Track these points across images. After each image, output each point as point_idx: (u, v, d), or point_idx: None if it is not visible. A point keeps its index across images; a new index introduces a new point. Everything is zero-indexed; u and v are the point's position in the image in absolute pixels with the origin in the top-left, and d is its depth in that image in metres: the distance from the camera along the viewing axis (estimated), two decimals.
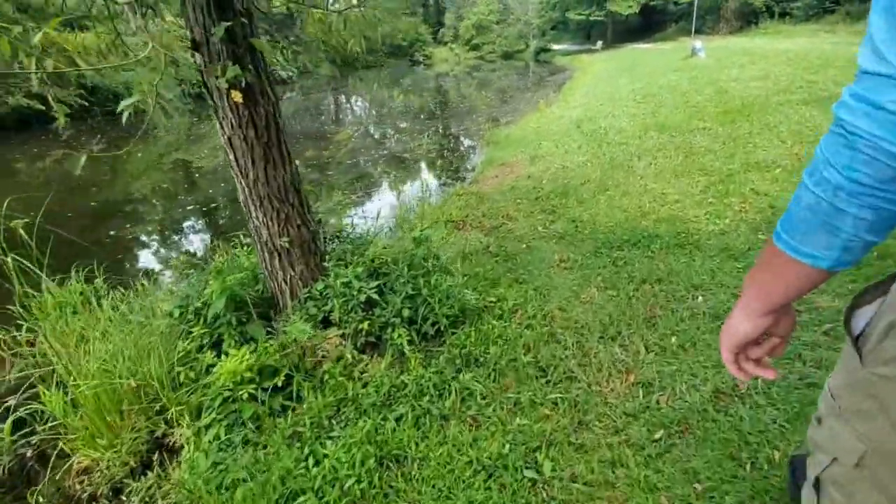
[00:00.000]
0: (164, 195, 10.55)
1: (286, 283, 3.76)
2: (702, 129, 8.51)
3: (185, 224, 8.68)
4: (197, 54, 3.17)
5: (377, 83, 33.69)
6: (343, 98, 29.75)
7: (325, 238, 4.05)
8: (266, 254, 3.70)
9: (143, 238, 8.03)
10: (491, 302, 3.92)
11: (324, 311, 3.65)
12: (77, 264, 5.16)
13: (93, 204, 9.78)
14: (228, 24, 3.01)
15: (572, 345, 3.30)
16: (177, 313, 3.60)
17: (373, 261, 3.88)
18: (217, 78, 3.12)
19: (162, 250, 7.69)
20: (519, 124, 13.33)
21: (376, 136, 17.12)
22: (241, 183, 3.48)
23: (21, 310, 4.60)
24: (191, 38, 3.14)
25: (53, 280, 4.93)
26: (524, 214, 6.01)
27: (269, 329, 3.66)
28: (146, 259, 7.33)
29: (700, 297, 3.62)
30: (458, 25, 46.17)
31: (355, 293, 3.56)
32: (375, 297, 3.53)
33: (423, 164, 11.18)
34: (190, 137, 18.15)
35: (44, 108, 18.35)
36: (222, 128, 3.34)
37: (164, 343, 3.40)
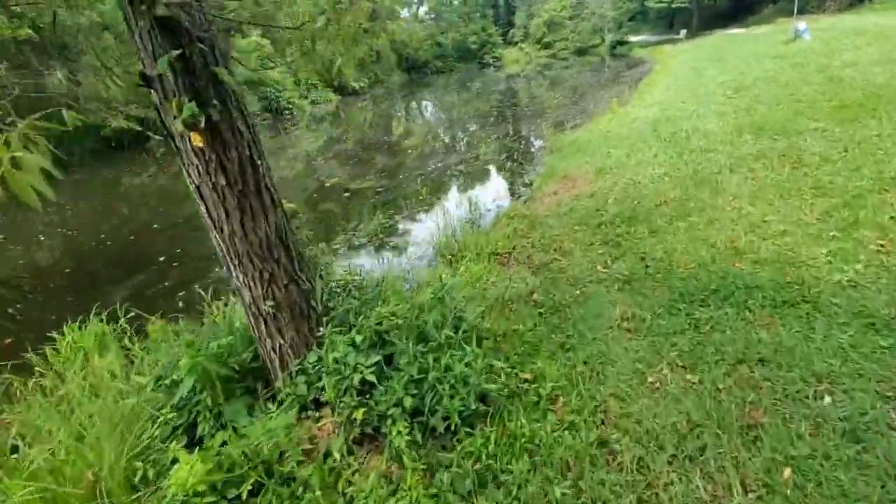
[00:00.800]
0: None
1: (275, 351, 3.10)
2: (812, 129, 6.88)
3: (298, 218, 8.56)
4: (152, 90, 2.59)
5: (446, 88, 33.22)
6: (413, 104, 29.60)
7: (326, 293, 3.35)
8: (251, 318, 3.07)
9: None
10: (525, 381, 3.00)
11: (316, 390, 2.96)
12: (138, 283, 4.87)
13: (179, 220, 9.96)
14: (177, 52, 2.40)
15: (631, 466, 2.32)
16: (150, 387, 3.07)
17: (379, 324, 3.12)
18: (174, 118, 2.51)
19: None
20: (587, 128, 12.03)
21: (445, 141, 16.57)
22: (215, 237, 2.86)
23: (36, 357, 4.40)
24: (140, 70, 2.57)
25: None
26: (582, 246, 4.97)
27: (260, 405, 3.05)
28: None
29: (827, 398, 2.47)
30: (529, 24, 44.51)
31: (350, 371, 2.82)
32: (373, 378, 2.77)
33: (481, 176, 10.32)
34: (269, 151, 18.68)
35: (141, 129, 19.74)
36: (188, 175, 2.74)
37: (128, 425, 2.89)
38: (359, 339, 2.96)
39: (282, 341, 3.06)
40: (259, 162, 2.80)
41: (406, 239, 6.90)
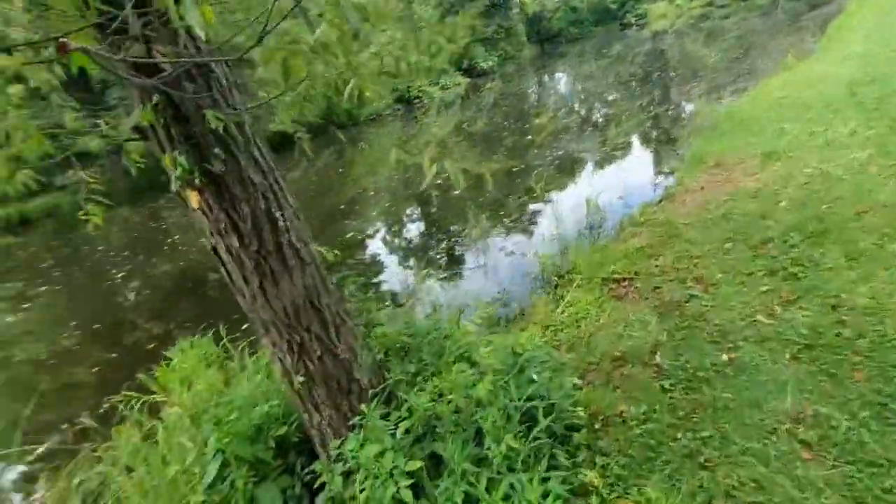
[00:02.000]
0: (384, 191, 11.06)
1: (314, 427, 2.61)
2: None
3: (408, 217, 8.67)
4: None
5: (582, 57, 30.52)
6: (546, 78, 27.80)
7: (378, 359, 2.74)
8: (288, 387, 2.62)
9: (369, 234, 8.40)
10: None
11: (351, 485, 2.40)
12: None
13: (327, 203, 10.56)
14: (159, 97, 1.92)
15: None
16: (188, 460, 2.80)
17: (433, 401, 2.42)
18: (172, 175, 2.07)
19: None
20: (751, 93, 9.60)
21: (579, 115, 15.12)
22: (241, 301, 2.42)
23: (148, 379, 4.61)
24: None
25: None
26: (735, 275, 3.64)
27: (295, 491, 2.60)
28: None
29: None
30: None
31: (384, 477, 2.19)
32: (408, 497, 2.08)
33: (610, 161, 8.83)
34: (403, 139, 19.13)
35: (291, 131, 21.58)
36: (203, 232, 2.31)
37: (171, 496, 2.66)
38: (400, 429, 2.30)
39: (320, 418, 2.55)
40: (279, 214, 2.25)
41: (511, 249, 6.04)
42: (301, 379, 2.43)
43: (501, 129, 14.76)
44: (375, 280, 6.15)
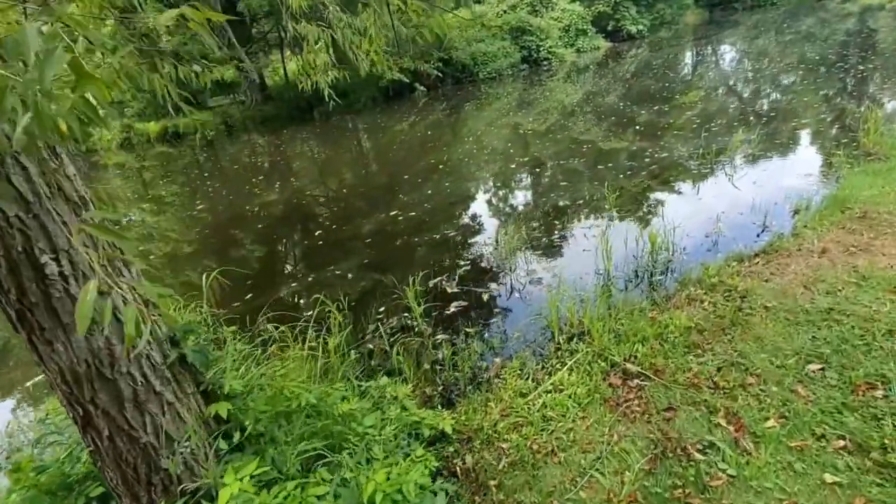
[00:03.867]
0: (495, 154, 10.51)
1: None
2: None
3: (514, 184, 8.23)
4: None
5: (760, 28, 25.36)
6: (708, 49, 23.70)
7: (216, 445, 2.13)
8: None
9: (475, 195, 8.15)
10: None
11: None
12: None
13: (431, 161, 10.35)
14: None
15: None
16: None
17: None
18: None
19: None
20: None
21: (739, 98, 12.66)
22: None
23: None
24: None
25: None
26: (796, 432, 2.35)
27: None
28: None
29: None
30: None
31: None
32: None
33: (737, 172, 6.92)
34: (522, 102, 17.86)
35: (408, 81, 21.23)
36: None
37: None
38: None
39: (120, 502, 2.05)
40: (48, 259, 1.66)
41: (541, 273, 4.93)
42: (87, 457, 1.92)
43: (637, 105, 12.84)
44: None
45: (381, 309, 4.61)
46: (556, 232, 5.84)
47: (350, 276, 5.60)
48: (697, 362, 2.96)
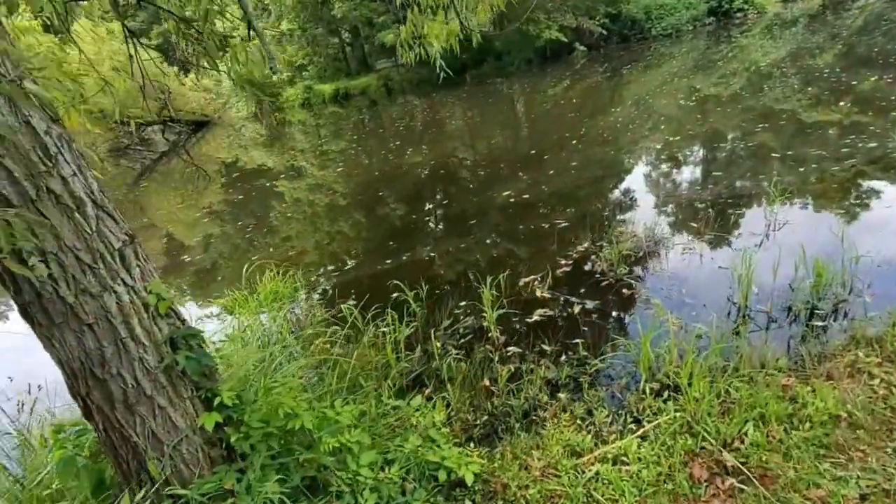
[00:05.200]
0: (661, 123, 9.41)
1: None
2: None
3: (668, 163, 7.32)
4: None
5: None
6: None
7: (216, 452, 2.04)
8: None
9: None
10: None
11: None
12: None
13: (582, 130, 9.72)
14: None
15: None
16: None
17: None
18: None
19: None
20: None
21: None
22: None
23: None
24: None
25: None
26: None
27: None
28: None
29: None
30: None
31: None
32: None
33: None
34: (702, 62, 15.37)
35: (567, 40, 19.53)
36: None
37: None
38: None
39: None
40: (34, 262, 1.65)
41: (653, 291, 3.99)
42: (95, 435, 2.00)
43: (860, 67, 10.05)
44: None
45: (462, 304, 4.27)
46: (694, 234, 4.74)
47: (461, 251, 5.35)
48: (833, 477, 2.03)
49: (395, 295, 4.32)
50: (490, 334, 3.74)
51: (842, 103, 7.87)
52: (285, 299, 4.85)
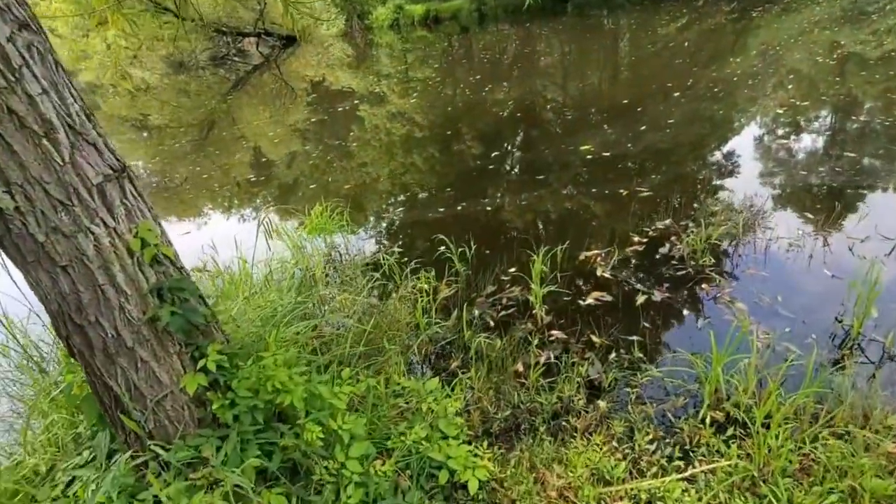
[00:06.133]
0: (789, 81, 7.96)
1: None
2: None
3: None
4: None
5: None
6: None
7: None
8: None
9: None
10: None
11: None
12: None
13: (690, 80, 8.48)
14: None
15: None
16: None
17: None
18: None
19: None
20: None
21: None
22: None
23: None
24: None
25: None
26: None
27: None
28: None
29: None
30: None
31: None
32: None
33: None
34: (855, 11, 12.66)
35: None
36: None
37: None
38: None
39: None
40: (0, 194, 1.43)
41: (741, 292, 3.27)
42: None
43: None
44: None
45: (511, 270, 3.84)
46: (807, 229, 3.86)
47: (523, 209, 4.85)
48: None
49: (441, 249, 3.97)
50: (534, 311, 3.32)
51: None
52: (333, 233, 4.68)
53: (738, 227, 3.84)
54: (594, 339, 3.05)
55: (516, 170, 6.02)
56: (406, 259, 3.97)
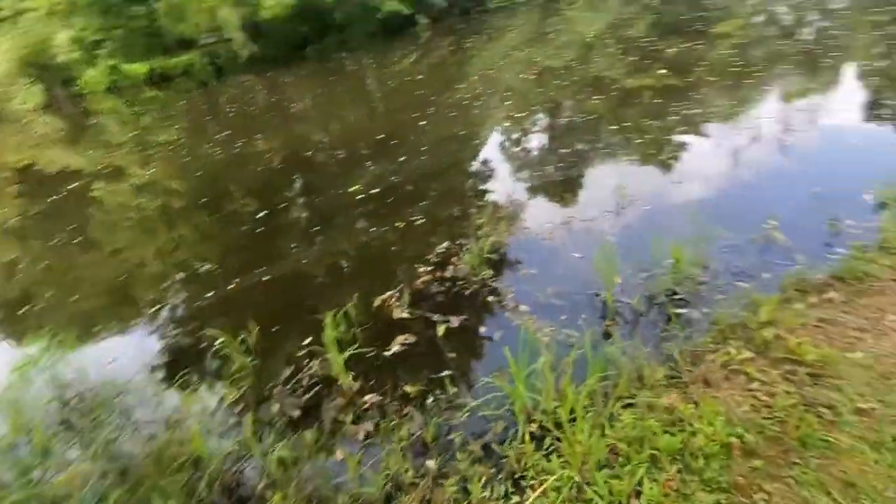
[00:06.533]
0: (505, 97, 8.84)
1: None
2: None
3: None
4: None
5: None
6: None
7: None
8: None
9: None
10: None
11: None
12: None
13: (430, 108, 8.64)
14: None
15: None
16: None
17: None
18: None
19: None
20: None
21: (784, 24, 10.85)
22: None
23: None
24: None
25: None
26: None
27: None
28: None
29: None
30: None
31: None
32: None
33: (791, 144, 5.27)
34: (538, 35, 15.63)
35: (409, 12, 18.74)
36: None
37: None
38: None
39: None
40: None
41: (524, 293, 3.59)
42: None
43: (668, 35, 11.00)
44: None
45: (306, 342, 3.40)
46: (551, 221, 4.42)
47: (303, 270, 4.36)
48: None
49: (220, 342, 3.28)
50: (340, 381, 2.96)
51: (651, 71, 8.40)
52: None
53: (503, 233, 4.18)
54: (408, 389, 2.86)
55: (290, 227, 5.56)
56: (171, 373, 3.18)
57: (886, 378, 2.16)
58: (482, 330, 3.27)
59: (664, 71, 8.21)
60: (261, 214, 5.78)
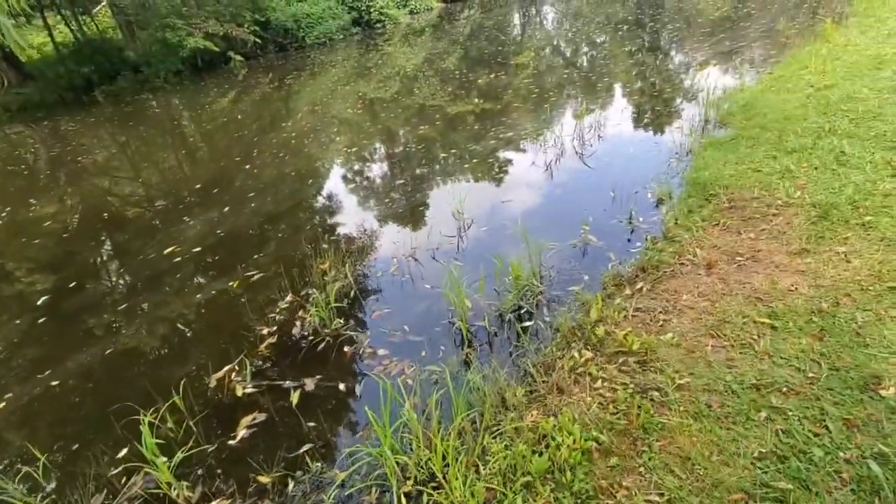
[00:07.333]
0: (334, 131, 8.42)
1: None
2: None
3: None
4: None
5: None
6: (533, 11, 23.69)
7: None
8: None
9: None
10: None
11: None
12: None
13: (254, 150, 7.53)
14: None
15: None
16: None
17: None
18: None
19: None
20: (775, 72, 6.84)
21: (563, 56, 12.66)
22: None
23: None
24: None
25: None
26: None
27: None
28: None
29: None
30: None
31: None
32: None
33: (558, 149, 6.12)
34: (361, 69, 15.67)
35: (218, 50, 17.50)
36: None
37: None
38: None
39: None
40: None
41: (380, 339, 3.47)
42: None
43: (476, 66, 12.10)
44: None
45: (120, 455, 2.71)
46: (398, 253, 4.35)
47: (116, 364, 3.48)
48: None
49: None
50: (175, 493, 2.41)
51: (469, 98, 9.15)
52: None
53: (349, 278, 3.97)
54: (263, 479, 2.45)
55: (91, 307, 4.52)
56: None
57: (691, 352, 2.51)
58: (341, 387, 2.99)
59: (478, 100, 8.96)
60: (44, 299, 4.60)
